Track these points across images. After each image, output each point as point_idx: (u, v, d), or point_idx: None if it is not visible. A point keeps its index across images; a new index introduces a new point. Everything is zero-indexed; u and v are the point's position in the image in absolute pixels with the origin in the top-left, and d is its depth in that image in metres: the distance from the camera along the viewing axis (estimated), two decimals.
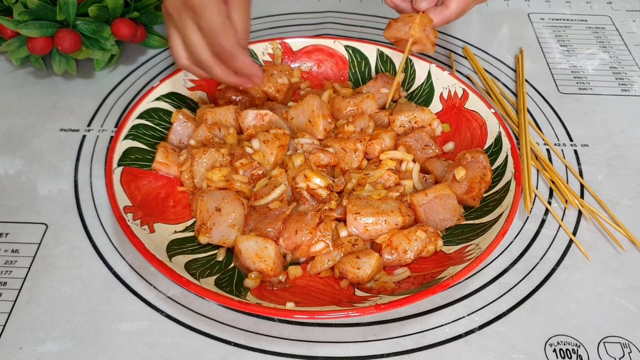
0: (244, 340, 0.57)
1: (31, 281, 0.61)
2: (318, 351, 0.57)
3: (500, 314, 0.60)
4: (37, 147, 0.76)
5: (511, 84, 0.88)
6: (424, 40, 0.66)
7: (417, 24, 0.66)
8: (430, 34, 0.68)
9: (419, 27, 0.66)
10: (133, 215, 0.61)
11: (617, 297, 0.62)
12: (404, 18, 0.68)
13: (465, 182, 0.66)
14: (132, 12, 0.83)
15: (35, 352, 0.56)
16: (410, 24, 0.66)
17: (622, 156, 0.77)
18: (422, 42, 0.67)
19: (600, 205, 0.71)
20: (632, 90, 0.88)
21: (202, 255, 0.62)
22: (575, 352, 0.57)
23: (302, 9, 1.02)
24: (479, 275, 0.63)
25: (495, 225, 0.61)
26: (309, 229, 0.61)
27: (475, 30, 0.98)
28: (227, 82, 0.65)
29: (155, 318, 0.59)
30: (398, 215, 0.62)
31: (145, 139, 0.71)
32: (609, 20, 1.02)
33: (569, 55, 0.94)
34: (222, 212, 0.62)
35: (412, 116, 0.74)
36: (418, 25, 0.66)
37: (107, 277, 0.62)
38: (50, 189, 0.71)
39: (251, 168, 0.66)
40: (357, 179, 0.66)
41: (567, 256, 0.65)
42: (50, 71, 0.86)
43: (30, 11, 0.76)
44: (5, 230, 0.66)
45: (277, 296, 0.58)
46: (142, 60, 0.90)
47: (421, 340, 0.57)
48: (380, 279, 0.60)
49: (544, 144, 0.78)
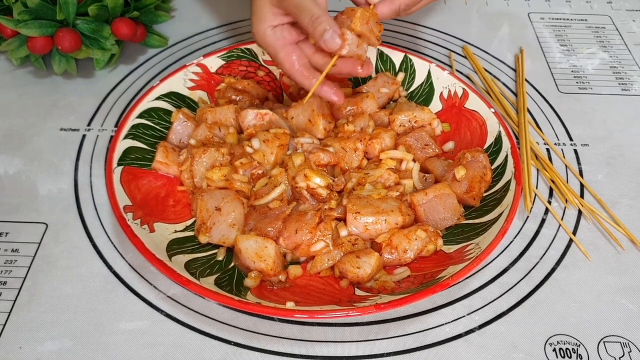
0: (244, 340, 0.57)
1: (31, 280, 0.61)
2: (318, 351, 0.57)
3: (501, 314, 0.60)
4: (37, 147, 0.76)
5: (511, 84, 0.88)
6: (367, 34, 0.65)
7: (357, 18, 0.64)
8: (375, 27, 0.67)
9: (360, 20, 0.64)
10: (133, 214, 0.61)
11: (617, 296, 0.62)
12: (347, 11, 0.66)
13: (465, 182, 0.66)
14: (132, 11, 0.83)
15: (35, 352, 0.56)
16: (352, 17, 0.65)
17: (622, 156, 0.77)
18: (366, 36, 0.66)
19: (600, 204, 0.71)
20: (632, 90, 0.88)
21: (202, 255, 0.62)
22: (575, 352, 0.57)
23: None
24: (479, 274, 0.63)
25: (495, 225, 0.61)
26: (309, 228, 0.61)
27: (475, 30, 0.98)
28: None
29: (155, 317, 0.59)
30: (398, 215, 0.62)
31: (145, 138, 0.71)
32: (609, 20, 1.02)
33: (569, 55, 0.94)
34: (222, 211, 0.62)
35: (412, 116, 0.74)
36: (359, 19, 0.64)
37: (107, 277, 0.62)
38: (50, 188, 0.71)
39: (251, 167, 0.66)
40: (357, 179, 0.66)
41: (567, 256, 0.65)
42: (50, 70, 0.86)
43: (30, 10, 0.76)
44: (5, 230, 0.66)
45: (277, 295, 0.58)
46: (142, 60, 0.90)
47: (421, 340, 0.57)
48: (380, 278, 0.60)
49: (543, 143, 0.78)
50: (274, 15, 0.65)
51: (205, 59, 0.79)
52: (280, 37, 0.66)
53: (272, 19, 0.65)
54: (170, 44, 0.93)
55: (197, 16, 0.98)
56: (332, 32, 0.61)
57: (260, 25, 0.65)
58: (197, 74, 0.79)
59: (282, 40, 0.65)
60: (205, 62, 0.79)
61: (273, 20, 0.65)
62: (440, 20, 1.00)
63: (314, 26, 0.61)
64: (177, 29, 0.96)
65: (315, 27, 0.61)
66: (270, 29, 0.65)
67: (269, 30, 0.65)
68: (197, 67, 0.79)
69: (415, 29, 0.98)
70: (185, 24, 0.97)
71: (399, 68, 0.82)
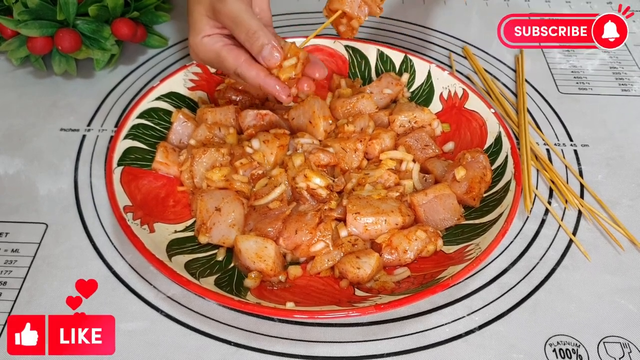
0: (244, 340, 0.57)
1: (31, 281, 0.61)
2: (318, 351, 0.57)
3: (500, 314, 0.60)
4: (37, 147, 0.76)
5: (511, 84, 0.88)
6: (368, 1, 0.65)
7: None
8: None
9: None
10: (133, 215, 0.61)
11: (617, 297, 0.62)
12: None
13: (465, 182, 0.66)
14: (132, 11, 0.83)
15: None
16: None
17: (622, 156, 0.77)
18: (368, 3, 0.66)
19: (600, 205, 0.71)
20: (632, 90, 0.88)
21: (202, 255, 0.62)
22: (575, 352, 0.57)
23: (302, 9, 1.02)
24: (479, 275, 0.63)
25: (495, 225, 0.61)
26: (308, 228, 0.61)
27: (475, 30, 0.98)
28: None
29: (155, 318, 0.59)
30: (398, 215, 0.62)
31: (145, 138, 0.71)
32: None
33: (569, 55, 0.94)
34: (222, 211, 0.62)
35: (412, 116, 0.74)
36: None
37: (107, 277, 0.62)
38: (50, 188, 0.71)
39: (251, 168, 0.66)
40: (357, 179, 0.66)
41: (567, 256, 0.65)
42: (50, 71, 0.86)
43: (30, 11, 0.76)
44: (5, 230, 0.66)
45: (277, 296, 0.58)
46: (142, 60, 0.90)
47: (421, 340, 0.57)
48: (380, 278, 0.60)
49: (543, 144, 0.78)
50: (210, 27, 0.63)
51: None
52: (218, 41, 0.63)
53: (209, 30, 0.63)
54: (170, 44, 0.93)
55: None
56: (270, 47, 0.59)
57: (196, 36, 0.63)
58: (197, 74, 0.79)
59: (220, 43, 0.63)
60: None
61: (209, 31, 0.63)
62: (440, 21, 1.00)
63: (250, 41, 0.59)
64: (177, 29, 0.96)
65: (252, 42, 0.59)
66: (207, 38, 0.63)
67: (205, 39, 0.63)
68: (197, 68, 0.79)
69: (415, 30, 0.98)
70: (185, 24, 0.96)
71: (399, 68, 0.82)
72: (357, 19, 0.66)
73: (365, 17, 0.66)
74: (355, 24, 0.67)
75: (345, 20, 0.68)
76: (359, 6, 0.64)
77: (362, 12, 0.65)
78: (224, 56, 0.62)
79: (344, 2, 0.63)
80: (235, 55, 0.61)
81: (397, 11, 1.02)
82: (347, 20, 0.67)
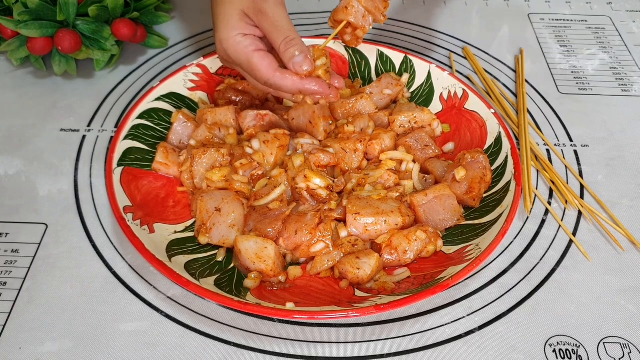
0: (244, 341, 0.57)
1: (31, 281, 0.61)
2: (318, 351, 0.57)
3: (500, 314, 0.60)
4: (37, 147, 0.76)
5: (511, 85, 0.88)
6: (372, 10, 0.65)
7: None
8: (380, 4, 0.67)
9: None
10: (133, 215, 0.61)
11: (617, 297, 0.62)
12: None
13: (465, 183, 0.66)
14: (132, 12, 0.83)
15: (35, 352, 0.56)
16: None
17: (622, 157, 0.77)
18: (371, 12, 0.66)
19: (600, 205, 0.71)
20: (632, 91, 0.88)
21: (202, 256, 0.62)
22: (575, 353, 0.57)
23: (302, 9, 1.02)
24: (479, 275, 0.63)
25: (495, 226, 0.61)
26: (308, 229, 0.61)
27: (475, 31, 0.98)
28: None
29: (155, 318, 0.59)
30: (398, 216, 0.62)
31: (145, 139, 0.71)
32: (609, 21, 1.02)
33: (569, 56, 0.94)
34: (222, 212, 0.62)
35: (412, 116, 0.74)
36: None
37: (107, 277, 0.62)
38: (50, 189, 0.71)
39: (251, 168, 0.66)
40: (357, 179, 0.66)
41: (567, 256, 0.65)
42: (50, 71, 0.86)
43: (31, 11, 0.76)
44: (5, 230, 0.66)
45: (277, 296, 0.58)
46: (142, 61, 0.90)
47: (421, 341, 0.57)
48: (380, 279, 0.60)
49: (543, 144, 0.78)
50: (247, 25, 0.63)
51: (206, 59, 0.79)
52: (251, 44, 0.63)
53: (245, 28, 0.63)
54: (170, 45, 0.93)
55: (197, 17, 0.98)
56: (303, 56, 0.61)
57: (230, 31, 0.63)
58: (197, 75, 0.79)
59: (253, 47, 0.63)
60: (205, 63, 0.79)
61: (246, 30, 0.63)
62: (440, 21, 1.00)
63: (286, 47, 0.61)
64: (177, 29, 0.96)
65: (287, 48, 0.61)
66: (241, 36, 0.63)
67: (240, 37, 0.63)
68: (197, 68, 0.79)
69: (415, 30, 0.98)
70: (185, 25, 0.97)
71: (399, 69, 0.82)
72: (362, 28, 0.67)
73: (370, 26, 0.67)
74: (360, 33, 0.68)
75: (351, 30, 0.68)
76: (363, 16, 0.65)
77: (367, 22, 0.66)
78: (255, 64, 0.62)
79: (349, 12, 0.64)
80: (267, 65, 0.62)
81: (398, 12, 1.02)
82: (352, 30, 0.68)
